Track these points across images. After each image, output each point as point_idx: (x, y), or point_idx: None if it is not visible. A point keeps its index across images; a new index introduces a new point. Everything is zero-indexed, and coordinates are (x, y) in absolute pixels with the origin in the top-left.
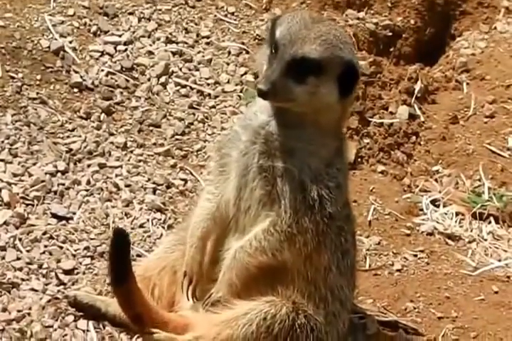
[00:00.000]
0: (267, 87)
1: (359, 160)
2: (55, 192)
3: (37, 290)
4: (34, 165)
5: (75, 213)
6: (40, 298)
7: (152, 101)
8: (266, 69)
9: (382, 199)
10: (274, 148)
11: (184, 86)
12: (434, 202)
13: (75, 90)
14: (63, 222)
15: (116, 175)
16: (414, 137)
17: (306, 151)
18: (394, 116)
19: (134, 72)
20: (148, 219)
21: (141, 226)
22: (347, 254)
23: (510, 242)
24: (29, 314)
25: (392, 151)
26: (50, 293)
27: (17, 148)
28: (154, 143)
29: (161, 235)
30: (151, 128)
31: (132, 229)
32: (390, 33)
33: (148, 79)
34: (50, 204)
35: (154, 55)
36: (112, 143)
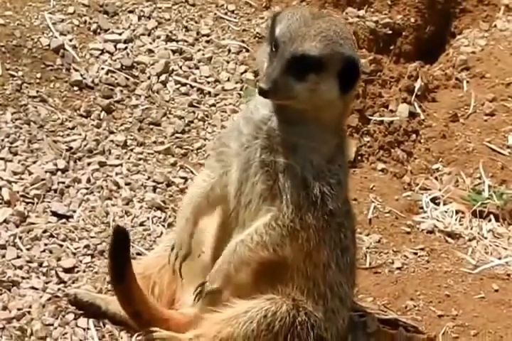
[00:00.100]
0: (268, 86)
1: (359, 158)
2: (55, 191)
3: (37, 289)
4: (34, 163)
5: (75, 211)
6: (41, 297)
7: (152, 100)
8: (266, 67)
9: (383, 198)
10: (276, 144)
11: (184, 84)
12: (434, 200)
13: (75, 88)
14: (63, 220)
15: (117, 174)
16: (414, 135)
17: (308, 148)
18: (394, 114)
19: (134, 71)
20: (148, 218)
21: (141, 224)
22: (346, 251)
23: (511, 240)
24: (29, 312)
25: (392, 149)
26: (50, 292)
27: (17, 147)
28: (154, 142)
29: (161, 233)
30: (151, 126)
31: (132, 227)
32: (390, 31)
33: (149, 78)
34: (50, 202)
35: (154, 53)
36: (112, 141)
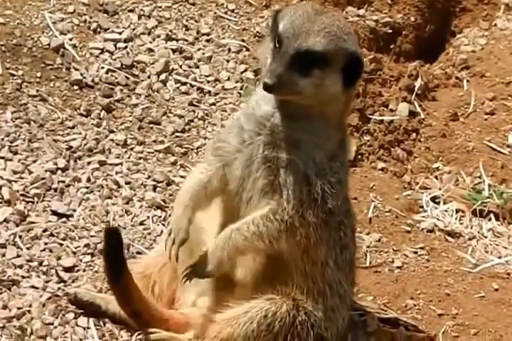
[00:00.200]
0: (273, 81)
1: (359, 157)
2: (55, 190)
3: (37, 288)
4: (34, 162)
5: (75, 210)
6: (41, 296)
7: (152, 99)
8: (270, 63)
9: (383, 197)
10: (279, 140)
11: (184, 83)
12: (434, 199)
13: (75, 87)
14: (63, 220)
15: (117, 173)
16: (414, 134)
17: (312, 143)
18: (394, 113)
19: (134, 70)
20: (148, 217)
21: (141, 223)
22: (346, 249)
23: (511, 239)
24: (29, 311)
25: (393, 148)
26: (50, 291)
27: (17, 146)
28: (154, 141)
29: (161, 232)
30: (151, 125)
31: (132, 226)
32: (390, 30)
33: (149, 77)
34: (50, 201)
35: (154, 53)
36: (112, 140)
